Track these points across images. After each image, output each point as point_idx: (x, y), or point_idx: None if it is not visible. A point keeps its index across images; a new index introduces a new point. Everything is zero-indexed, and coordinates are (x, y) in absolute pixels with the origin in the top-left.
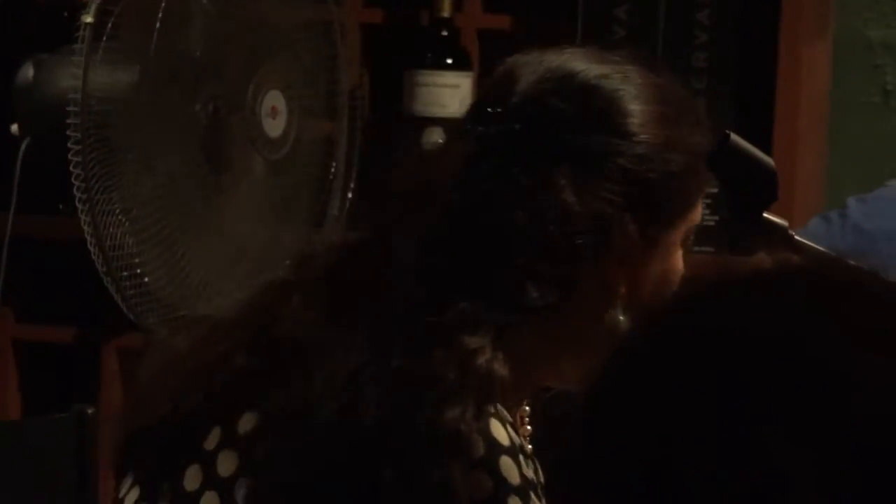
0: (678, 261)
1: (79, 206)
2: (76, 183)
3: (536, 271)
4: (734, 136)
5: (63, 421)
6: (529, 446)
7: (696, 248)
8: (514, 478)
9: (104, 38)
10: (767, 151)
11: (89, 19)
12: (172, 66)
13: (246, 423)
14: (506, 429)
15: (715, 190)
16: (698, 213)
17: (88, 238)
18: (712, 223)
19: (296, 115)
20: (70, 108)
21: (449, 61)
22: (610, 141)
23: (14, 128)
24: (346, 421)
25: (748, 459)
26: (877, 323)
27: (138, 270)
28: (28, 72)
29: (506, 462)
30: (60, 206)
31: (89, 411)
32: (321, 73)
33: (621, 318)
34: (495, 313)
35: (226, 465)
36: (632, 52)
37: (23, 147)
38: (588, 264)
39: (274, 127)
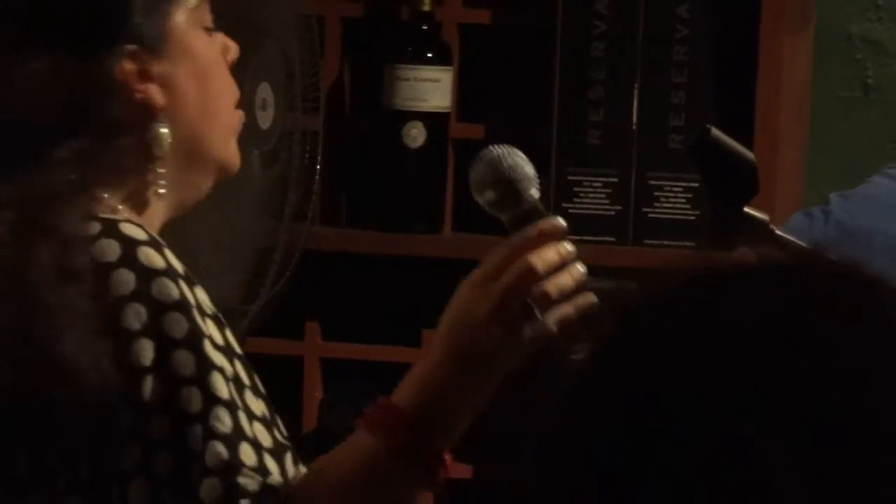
0: (204, 45)
1: None
2: None
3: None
4: (715, 131)
5: None
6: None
7: (676, 243)
8: (157, 263)
9: None
10: (748, 145)
11: None
12: None
13: None
14: (143, 229)
15: (696, 184)
16: None
17: None
18: (693, 217)
19: (281, 108)
20: None
21: (429, 55)
22: None
23: None
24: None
25: (727, 455)
26: (858, 318)
27: None
28: None
29: (145, 251)
30: None
31: None
32: (301, 67)
33: (163, 129)
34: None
35: None
36: None
37: None
38: (105, 105)
39: (265, 119)
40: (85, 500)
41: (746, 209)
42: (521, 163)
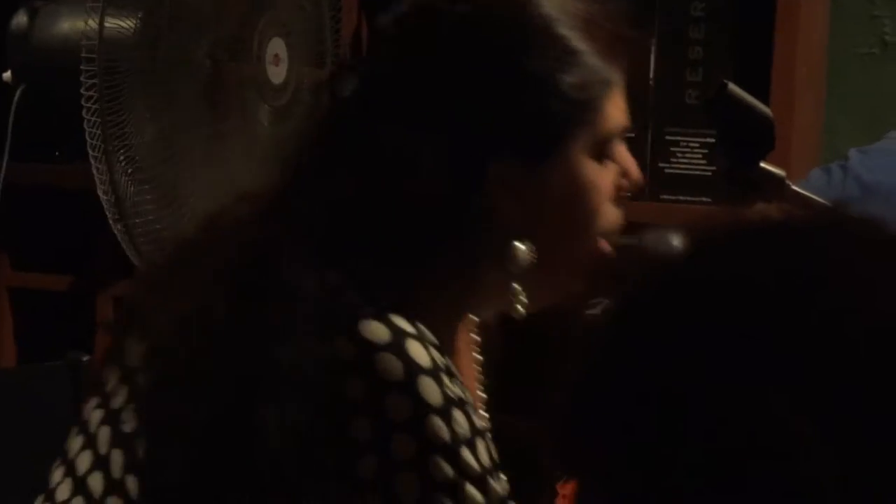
0: (592, 174)
1: (91, 153)
2: (90, 130)
3: (432, 235)
4: (732, 86)
5: (57, 368)
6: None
7: (693, 198)
8: (434, 398)
9: None
10: (765, 101)
11: None
12: (174, 12)
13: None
14: (427, 350)
15: (712, 139)
16: (609, 121)
17: (100, 187)
18: (709, 173)
19: (295, 63)
20: (84, 55)
21: None
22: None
23: (7, 75)
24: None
25: (752, 422)
26: (883, 276)
27: (150, 217)
28: (22, 19)
29: (425, 382)
30: (57, 153)
31: (83, 359)
32: (319, 21)
33: (521, 245)
34: (394, 277)
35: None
36: None
37: (17, 94)
38: (473, 213)
39: (276, 74)
40: None
41: (763, 164)
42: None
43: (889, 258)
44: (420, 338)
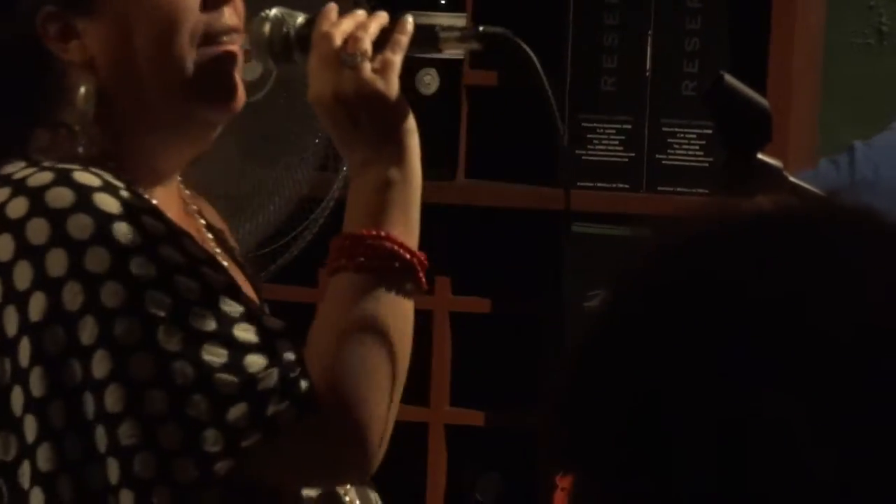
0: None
1: None
2: None
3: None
4: (728, 77)
5: None
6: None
7: (690, 190)
8: (112, 207)
9: None
10: (761, 93)
11: None
12: None
13: None
14: (98, 176)
15: (709, 131)
16: None
17: None
18: (706, 164)
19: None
20: None
21: (442, 2)
22: None
23: None
24: None
25: (746, 421)
26: (879, 270)
27: None
28: None
29: (101, 197)
30: None
31: None
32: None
33: (82, 88)
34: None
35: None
36: None
37: None
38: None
39: (249, 71)
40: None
41: (760, 156)
42: (271, 17)
43: (884, 250)
44: (85, 169)
